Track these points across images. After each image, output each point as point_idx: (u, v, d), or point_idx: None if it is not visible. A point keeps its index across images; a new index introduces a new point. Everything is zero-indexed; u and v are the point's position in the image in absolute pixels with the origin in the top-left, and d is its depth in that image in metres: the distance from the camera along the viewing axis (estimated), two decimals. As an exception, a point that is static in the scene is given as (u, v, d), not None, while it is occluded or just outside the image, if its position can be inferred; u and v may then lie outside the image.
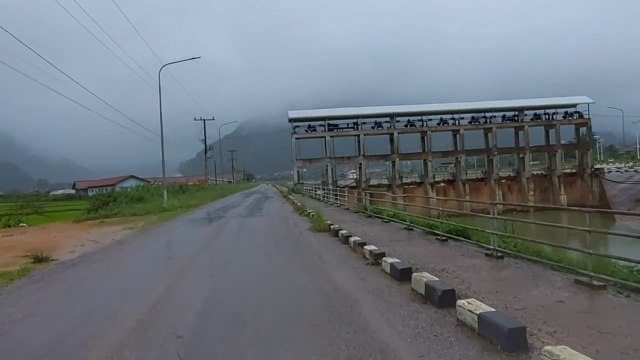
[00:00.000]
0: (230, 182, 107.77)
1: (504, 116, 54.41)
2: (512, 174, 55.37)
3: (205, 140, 58.94)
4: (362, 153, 52.25)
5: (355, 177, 77.65)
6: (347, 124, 53.59)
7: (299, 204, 24.84)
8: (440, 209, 11.25)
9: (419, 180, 54.63)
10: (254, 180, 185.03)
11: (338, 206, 23.72)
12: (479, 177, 55.31)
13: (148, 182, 65.75)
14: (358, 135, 52.80)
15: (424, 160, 53.60)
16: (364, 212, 18.49)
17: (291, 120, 52.64)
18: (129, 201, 29.16)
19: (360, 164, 52.32)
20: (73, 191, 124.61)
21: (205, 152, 59.47)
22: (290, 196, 37.31)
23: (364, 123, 53.48)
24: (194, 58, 27.76)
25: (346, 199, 24.08)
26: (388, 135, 54.14)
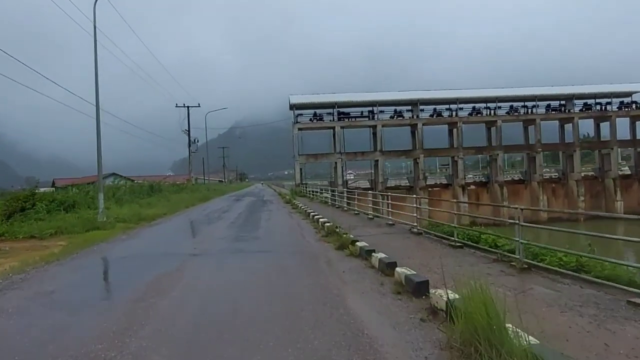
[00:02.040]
0: (221, 181, 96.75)
1: (548, 106, 44.43)
2: (554, 175, 45.54)
3: (189, 131, 48.18)
4: (379, 148, 41.93)
5: (352, 177, 67.32)
6: (361, 112, 43.27)
7: (321, 217, 14.39)
8: None
9: (445, 182, 44.57)
10: (247, 180, 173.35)
11: (390, 225, 13.31)
12: (517, 179, 45.43)
13: (131, 180, 55.38)
14: (374, 127, 42.51)
15: (452, 157, 43.48)
16: (463, 246, 8.21)
17: (293, 106, 42.16)
18: (56, 208, 18.47)
19: (377, 160, 41.99)
20: (54, 189, 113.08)
21: (189, 146, 48.59)
22: (295, 201, 26.86)
23: (381, 112, 43.21)
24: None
25: (394, 210, 13.71)
26: (409, 127, 44.01)
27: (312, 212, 17.74)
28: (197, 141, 49.47)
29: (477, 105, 43.88)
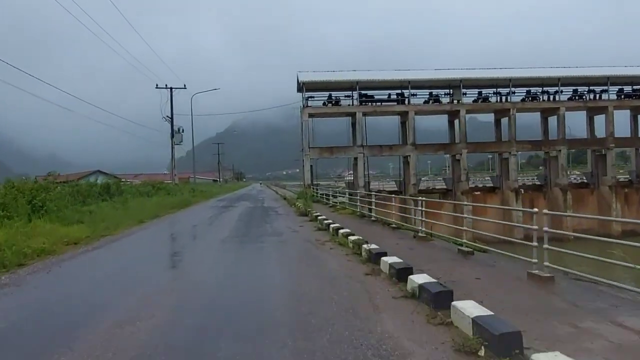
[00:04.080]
0: (215, 180, 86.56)
1: (620, 90, 35.01)
2: (623, 178, 36.19)
3: (172, 117, 38.43)
4: (410, 140, 32.31)
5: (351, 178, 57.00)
6: (389, 95, 33.65)
7: (424, 278, 4.82)
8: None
9: (491, 185, 35.15)
10: (244, 180, 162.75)
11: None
12: (577, 182, 36.11)
13: (118, 178, 45.82)
14: (405, 113, 32.92)
15: (500, 154, 33.96)
16: None
17: (302, 86, 32.41)
18: None
19: (408, 156, 32.36)
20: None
21: (172, 136, 38.78)
22: (313, 211, 17.12)
23: (413, 95, 33.63)
24: None
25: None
26: (447, 114, 34.50)
27: (372, 247, 8.13)
28: (182, 130, 39.68)
29: (533, 89, 34.41)
